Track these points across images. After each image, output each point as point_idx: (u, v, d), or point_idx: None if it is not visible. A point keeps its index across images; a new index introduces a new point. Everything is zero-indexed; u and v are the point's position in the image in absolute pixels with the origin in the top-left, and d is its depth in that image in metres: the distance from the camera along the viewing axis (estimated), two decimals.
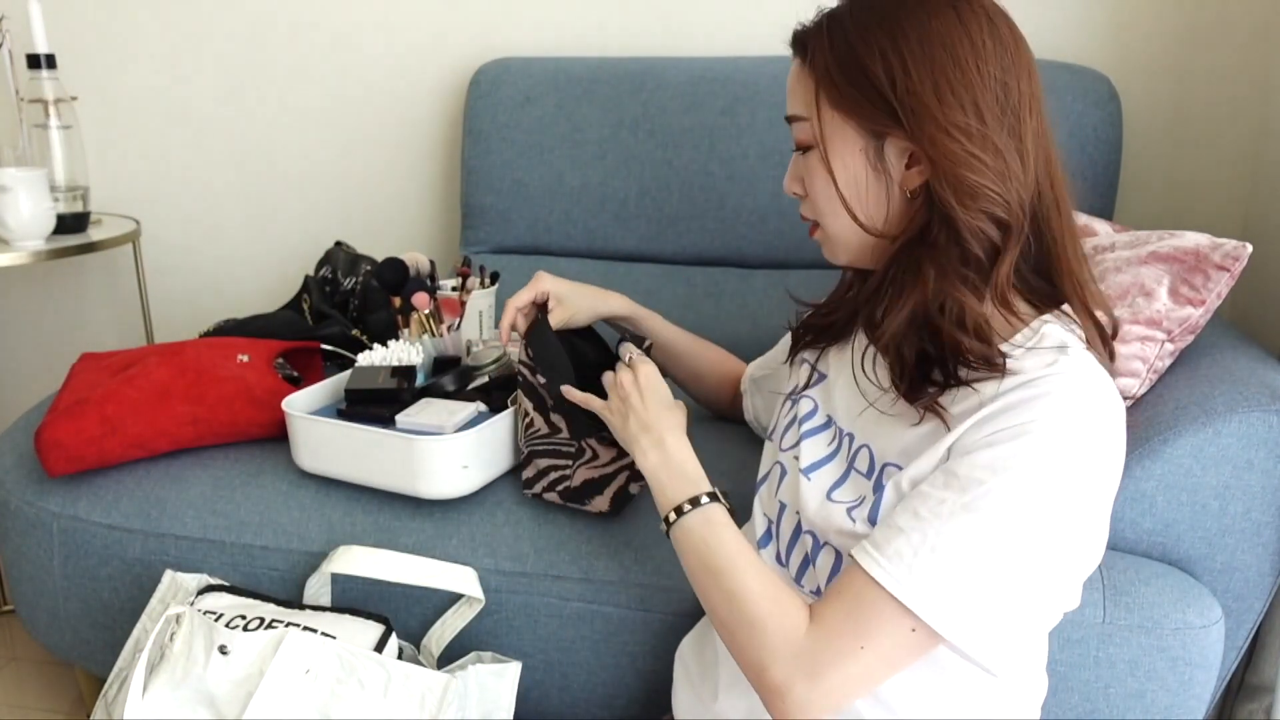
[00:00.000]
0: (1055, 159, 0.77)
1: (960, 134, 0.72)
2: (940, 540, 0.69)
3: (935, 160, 0.73)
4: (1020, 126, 0.74)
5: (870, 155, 0.77)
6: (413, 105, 1.90)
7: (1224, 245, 1.04)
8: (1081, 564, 0.74)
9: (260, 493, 1.16)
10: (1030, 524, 0.69)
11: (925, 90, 0.73)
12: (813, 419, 0.88)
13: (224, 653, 0.90)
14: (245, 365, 1.27)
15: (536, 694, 1.09)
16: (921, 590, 0.69)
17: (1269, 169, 1.55)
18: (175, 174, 2.00)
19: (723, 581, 0.77)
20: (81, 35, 1.91)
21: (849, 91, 0.76)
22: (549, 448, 1.08)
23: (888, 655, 0.71)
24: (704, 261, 1.67)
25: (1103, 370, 0.74)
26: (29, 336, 2.12)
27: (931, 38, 0.73)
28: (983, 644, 0.71)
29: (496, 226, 1.74)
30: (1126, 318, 1.06)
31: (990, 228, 0.74)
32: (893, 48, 0.74)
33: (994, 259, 0.75)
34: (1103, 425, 0.71)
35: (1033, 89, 0.75)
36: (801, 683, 0.71)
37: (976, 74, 0.73)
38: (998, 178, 0.73)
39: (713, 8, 1.74)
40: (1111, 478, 0.73)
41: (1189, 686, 0.97)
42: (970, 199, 0.73)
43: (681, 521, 0.82)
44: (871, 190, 0.78)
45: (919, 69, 0.73)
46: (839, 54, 0.77)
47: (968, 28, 0.73)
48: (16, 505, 1.20)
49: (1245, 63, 1.58)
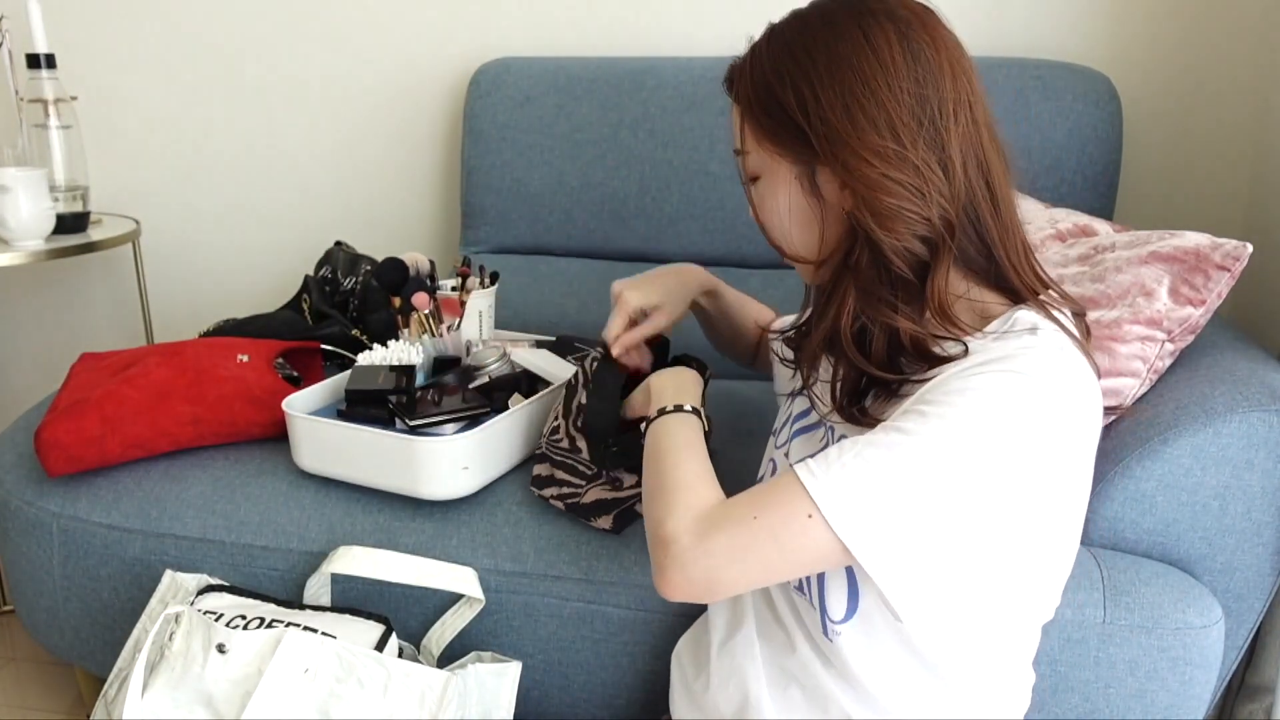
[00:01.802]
0: (992, 155, 0.76)
1: (875, 158, 0.72)
2: (865, 449, 0.69)
3: (853, 186, 0.73)
4: (943, 136, 0.73)
5: (803, 184, 0.77)
6: (413, 105, 1.90)
7: (1224, 245, 1.04)
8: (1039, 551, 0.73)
9: (260, 493, 1.16)
10: (963, 461, 0.67)
11: (837, 116, 0.73)
12: (806, 418, 0.89)
13: (222, 651, 0.90)
14: (245, 365, 1.27)
15: (536, 694, 1.09)
16: (827, 482, 0.68)
17: (1269, 169, 1.55)
18: (175, 174, 2.00)
19: (668, 459, 0.83)
20: (81, 35, 1.91)
21: (768, 123, 0.77)
22: (565, 460, 1.09)
23: (777, 532, 0.69)
24: (704, 261, 1.65)
25: (1078, 353, 0.73)
26: (29, 336, 2.12)
27: (838, 62, 0.73)
28: (881, 563, 0.68)
29: (496, 226, 1.74)
30: (1127, 317, 1.06)
31: (916, 245, 0.73)
32: (802, 76, 0.74)
33: (924, 276, 0.74)
34: (1069, 402, 0.69)
35: (958, 90, 0.74)
36: (688, 535, 0.73)
37: (887, 91, 0.72)
38: (917, 197, 0.72)
39: (712, 8, 1.74)
40: (1074, 456, 0.71)
41: (1189, 686, 0.97)
42: (890, 221, 0.72)
43: (665, 417, 0.88)
44: (805, 218, 0.79)
45: (828, 95, 0.73)
46: (757, 88, 0.78)
47: (874, 45, 0.73)
48: (16, 505, 1.20)
49: (1246, 63, 1.58)
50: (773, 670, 0.84)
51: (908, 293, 0.75)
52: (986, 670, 0.79)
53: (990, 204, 0.76)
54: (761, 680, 0.84)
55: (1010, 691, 0.82)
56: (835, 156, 0.73)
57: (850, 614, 0.76)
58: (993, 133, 0.77)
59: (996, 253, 0.76)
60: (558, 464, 1.10)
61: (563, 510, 1.09)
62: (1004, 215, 0.77)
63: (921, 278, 0.75)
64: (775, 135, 0.77)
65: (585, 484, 1.07)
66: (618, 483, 1.07)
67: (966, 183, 0.74)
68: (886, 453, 0.68)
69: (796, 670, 0.83)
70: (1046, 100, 1.52)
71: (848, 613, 0.77)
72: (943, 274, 0.74)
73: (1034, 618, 0.80)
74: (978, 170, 0.75)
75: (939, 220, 0.73)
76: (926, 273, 0.74)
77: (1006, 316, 0.75)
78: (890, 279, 0.75)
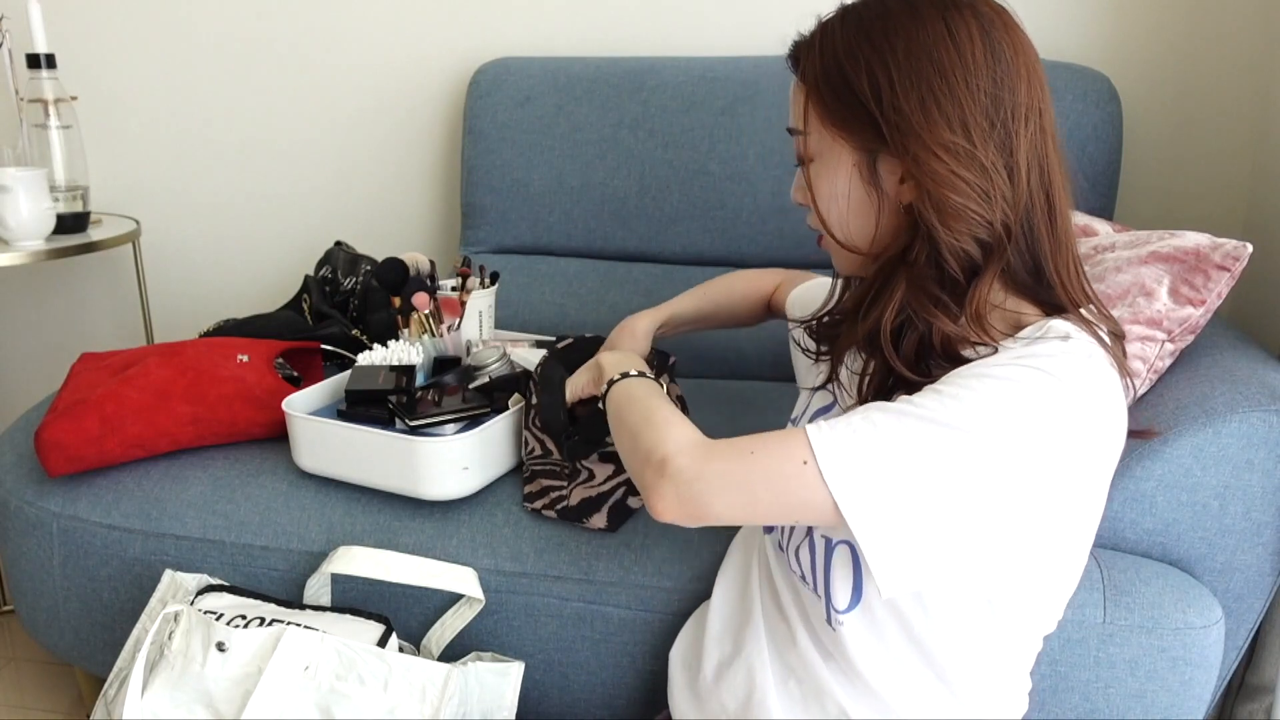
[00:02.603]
0: (1055, 165, 0.75)
1: (945, 153, 0.71)
2: (874, 413, 0.68)
3: (920, 180, 0.72)
4: (1012, 140, 0.72)
5: (863, 171, 0.76)
6: (413, 105, 1.90)
7: (1224, 245, 1.04)
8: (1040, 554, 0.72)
9: (260, 493, 1.16)
10: (968, 443, 0.65)
11: (911, 107, 0.71)
12: (830, 413, 0.88)
13: (222, 650, 0.90)
14: (245, 365, 1.27)
15: (536, 694, 1.09)
16: (830, 437, 0.68)
17: (1269, 169, 1.55)
18: (175, 174, 2.00)
19: (638, 407, 0.82)
20: (81, 35, 1.91)
21: (836, 107, 0.75)
22: (545, 468, 1.10)
23: (771, 472, 0.69)
24: (704, 261, 1.66)
25: (1109, 367, 0.72)
26: (29, 336, 2.12)
27: (918, 52, 0.71)
28: (865, 523, 0.67)
29: (496, 226, 1.74)
30: (1127, 317, 1.06)
31: (973, 248, 0.72)
32: (879, 62, 0.72)
33: (971, 279, 0.74)
34: (1091, 410, 0.68)
35: (1031, 96, 0.73)
36: (685, 456, 0.72)
37: (965, 89, 0.71)
38: (982, 198, 0.71)
39: (712, 8, 1.74)
40: (1088, 467, 0.70)
41: (1189, 686, 0.97)
42: (953, 220, 0.71)
43: (621, 382, 0.87)
44: (862, 206, 0.77)
45: (904, 85, 0.71)
46: (827, 68, 0.75)
47: (957, 39, 0.71)
48: (16, 505, 1.20)
49: (1245, 63, 1.58)
50: (776, 664, 0.84)
51: (955, 294, 0.74)
52: (986, 672, 0.78)
53: (1047, 216, 0.74)
54: (768, 673, 0.84)
55: (1008, 697, 0.82)
56: (905, 147, 0.72)
57: (854, 603, 0.76)
58: (1058, 145, 0.76)
59: (1045, 265, 0.75)
60: (539, 473, 1.11)
61: (556, 519, 1.09)
62: (1059, 229, 0.75)
63: (969, 281, 0.74)
64: (842, 118, 0.75)
65: (567, 484, 1.08)
66: (592, 475, 1.07)
67: (1029, 191, 0.73)
68: (895, 420, 0.67)
69: (795, 664, 0.83)
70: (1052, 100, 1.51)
71: (852, 601, 0.77)
72: (989, 280, 0.73)
73: (1034, 625, 0.79)
74: (1040, 180, 0.74)
75: (999, 225, 0.72)
76: (974, 277, 0.73)
77: (1041, 324, 0.73)
78: (942, 278, 0.74)
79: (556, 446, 1.07)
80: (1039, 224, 0.74)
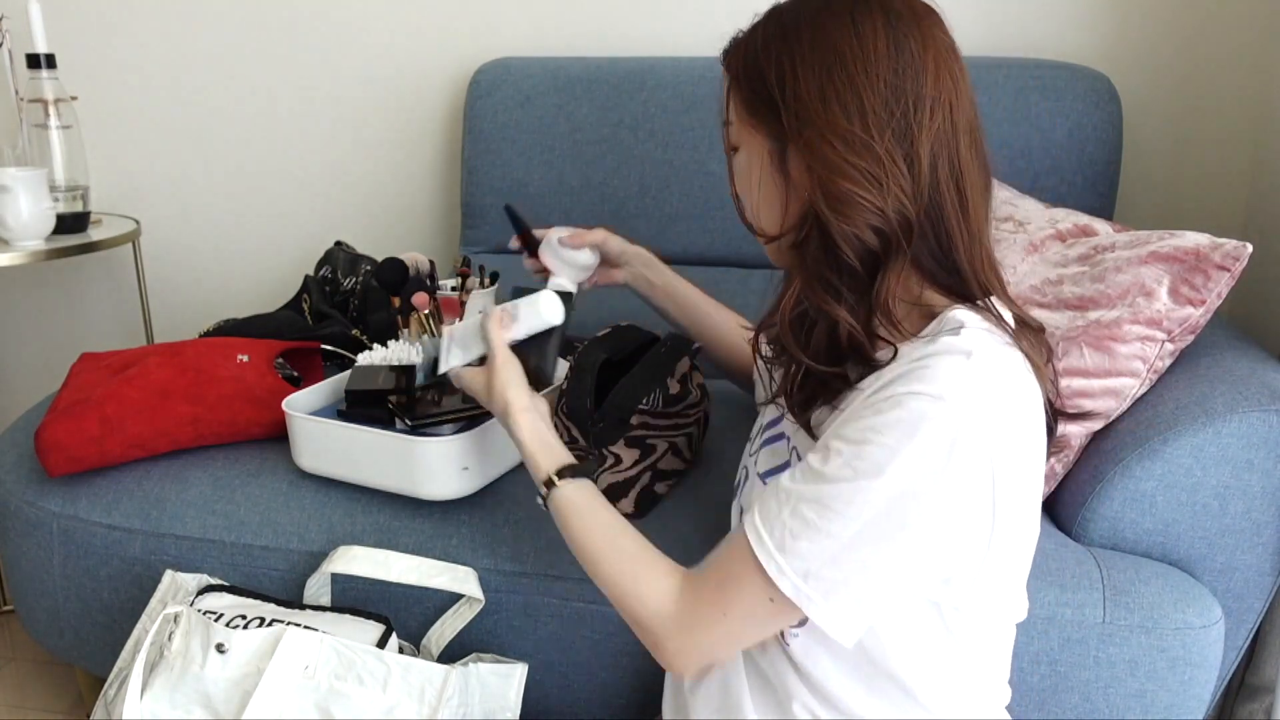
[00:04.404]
0: (968, 161, 0.75)
1: (839, 140, 0.72)
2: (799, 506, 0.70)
3: (811, 166, 0.73)
4: (914, 130, 0.72)
5: (774, 160, 0.77)
6: (413, 105, 1.90)
7: (1224, 245, 1.04)
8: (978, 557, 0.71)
9: (260, 493, 1.16)
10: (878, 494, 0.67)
11: (810, 95, 0.73)
12: (773, 427, 0.88)
13: (221, 651, 0.90)
14: (245, 365, 1.27)
15: (537, 694, 1.09)
16: (777, 562, 0.70)
17: (1269, 169, 1.55)
18: (175, 174, 2.00)
19: (601, 543, 0.84)
20: (81, 35, 1.91)
21: (749, 96, 0.78)
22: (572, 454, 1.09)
23: (748, 619, 0.75)
24: (704, 261, 1.66)
25: (999, 354, 0.71)
26: (29, 336, 2.12)
27: (822, 43, 0.73)
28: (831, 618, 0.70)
29: (496, 226, 1.74)
30: (1127, 317, 1.06)
31: (868, 236, 0.73)
32: (786, 54, 0.75)
33: (875, 271, 0.74)
34: (983, 414, 0.67)
35: (939, 89, 0.73)
36: (674, 640, 0.78)
37: (864, 77, 0.72)
38: (874, 185, 0.71)
39: (712, 8, 1.74)
40: (1004, 461, 0.68)
41: (1189, 686, 0.97)
42: (844, 206, 0.72)
43: (560, 489, 0.88)
44: (770, 195, 0.79)
45: (806, 74, 0.73)
46: (746, 60, 0.78)
47: (860, 31, 0.73)
48: (16, 505, 1.20)
49: (1245, 62, 1.58)
50: (750, 669, 0.84)
51: (854, 285, 0.74)
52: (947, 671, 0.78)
53: (958, 209, 0.74)
54: (743, 680, 0.84)
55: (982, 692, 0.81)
56: (800, 134, 0.74)
57: (802, 621, 0.76)
58: (975, 140, 0.76)
59: (958, 258, 0.75)
60: None
61: None
62: (972, 223, 0.75)
63: (871, 274, 0.74)
64: (753, 108, 0.78)
65: (595, 471, 1.08)
66: (619, 460, 1.08)
67: (934, 183, 0.73)
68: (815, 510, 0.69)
69: (767, 669, 0.83)
70: (1046, 100, 1.52)
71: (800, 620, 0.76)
72: (894, 274, 0.73)
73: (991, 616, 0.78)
74: (949, 172, 0.74)
75: (895, 215, 0.72)
76: (877, 269, 0.74)
77: (941, 316, 0.74)
78: (838, 267, 0.74)
79: (582, 434, 1.07)
80: (949, 217, 0.74)
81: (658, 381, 1.10)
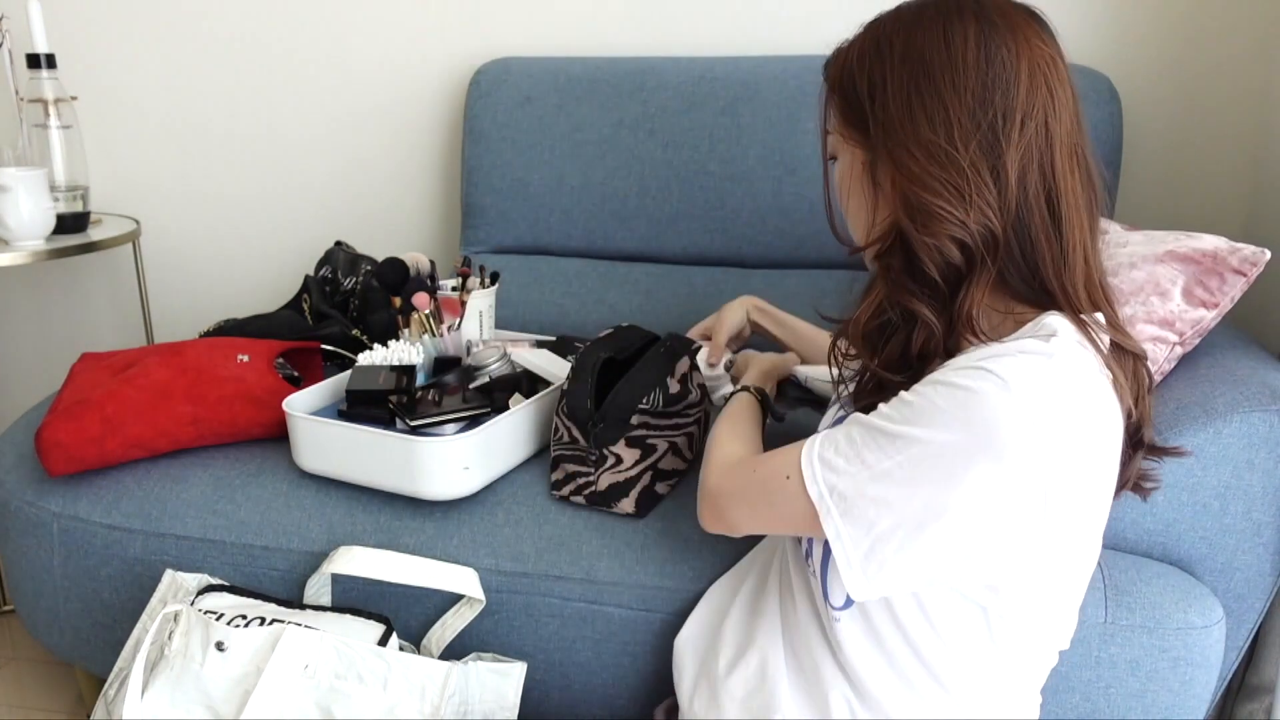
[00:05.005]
0: (1064, 174, 0.73)
1: (921, 152, 0.72)
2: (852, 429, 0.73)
3: (895, 177, 0.74)
4: (1001, 143, 0.71)
5: (867, 170, 0.78)
6: (413, 105, 1.90)
7: (1242, 250, 1.04)
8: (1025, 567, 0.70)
9: (260, 493, 1.16)
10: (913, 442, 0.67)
11: (897, 105, 0.73)
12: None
13: (221, 650, 0.90)
14: (245, 365, 1.27)
15: (537, 694, 1.09)
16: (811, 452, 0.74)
17: (1270, 169, 1.55)
18: (175, 174, 2.00)
19: (718, 428, 0.97)
20: (81, 35, 1.91)
21: (843, 107, 0.80)
22: (573, 454, 1.10)
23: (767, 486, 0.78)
24: (704, 261, 1.67)
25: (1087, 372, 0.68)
26: (29, 336, 2.12)
27: (912, 54, 0.73)
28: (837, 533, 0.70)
29: (496, 226, 1.74)
30: (1140, 315, 1.06)
31: (951, 250, 0.72)
32: (878, 64, 0.75)
33: (956, 284, 0.73)
34: (1046, 417, 0.65)
35: (1033, 101, 0.72)
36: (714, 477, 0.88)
37: (950, 88, 0.71)
38: (957, 199, 0.71)
39: (712, 8, 1.74)
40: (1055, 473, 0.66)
41: (1190, 686, 0.97)
42: (925, 219, 0.71)
43: (741, 394, 1.05)
44: (862, 204, 0.80)
45: (894, 85, 0.74)
46: (841, 71, 0.79)
47: (950, 41, 0.72)
48: (16, 505, 1.20)
49: (1245, 63, 1.58)
50: (789, 656, 0.85)
51: (935, 296, 0.74)
52: (987, 682, 0.77)
53: (1048, 225, 0.72)
54: (781, 664, 0.84)
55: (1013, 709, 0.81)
56: (886, 145, 0.74)
57: (849, 602, 0.77)
58: (1076, 154, 0.74)
59: (1045, 275, 0.73)
60: (566, 459, 1.10)
61: (584, 504, 1.10)
62: (1066, 239, 0.73)
63: (954, 287, 0.73)
64: (847, 118, 0.79)
65: (594, 470, 1.08)
66: (619, 460, 1.08)
67: (1022, 198, 0.71)
68: (863, 432, 0.71)
69: (804, 656, 0.83)
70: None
71: (847, 600, 0.77)
72: (979, 288, 0.72)
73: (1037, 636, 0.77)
74: (1039, 186, 0.72)
75: (978, 228, 0.71)
76: (960, 283, 0.73)
77: (1036, 321, 0.72)
78: (919, 278, 0.74)
79: (582, 433, 1.08)
80: (1037, 233, 0.72)
81: (658, 381, 1.11)
